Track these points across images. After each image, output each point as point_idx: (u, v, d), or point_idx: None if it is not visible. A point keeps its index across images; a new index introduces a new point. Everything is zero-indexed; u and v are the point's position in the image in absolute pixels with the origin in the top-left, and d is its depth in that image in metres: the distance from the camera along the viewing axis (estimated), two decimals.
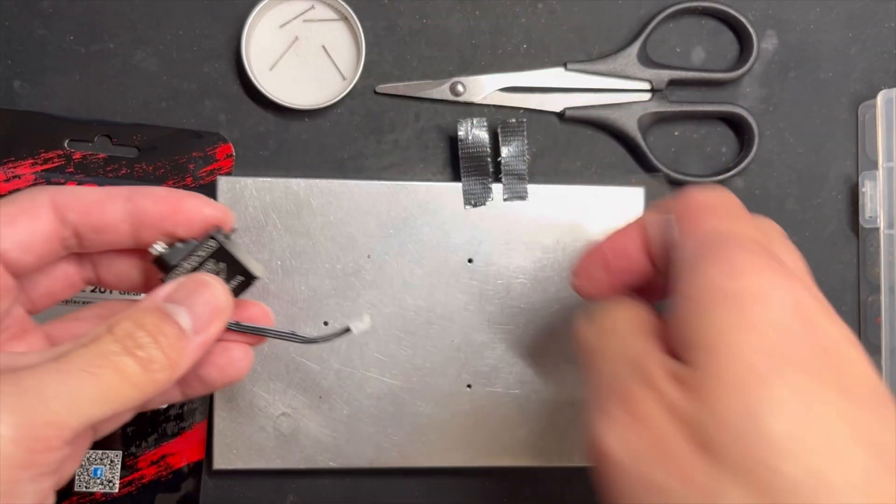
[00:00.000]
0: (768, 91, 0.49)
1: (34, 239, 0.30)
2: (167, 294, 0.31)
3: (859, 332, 0.50)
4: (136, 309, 0.30)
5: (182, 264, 0.32)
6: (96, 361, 0.27)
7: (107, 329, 0.29)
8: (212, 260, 0.33)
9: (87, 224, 0.31)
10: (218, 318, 0.32)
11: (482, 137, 0.46)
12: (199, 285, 0.31)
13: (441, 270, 0.46)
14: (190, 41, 0.47)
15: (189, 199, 0.33)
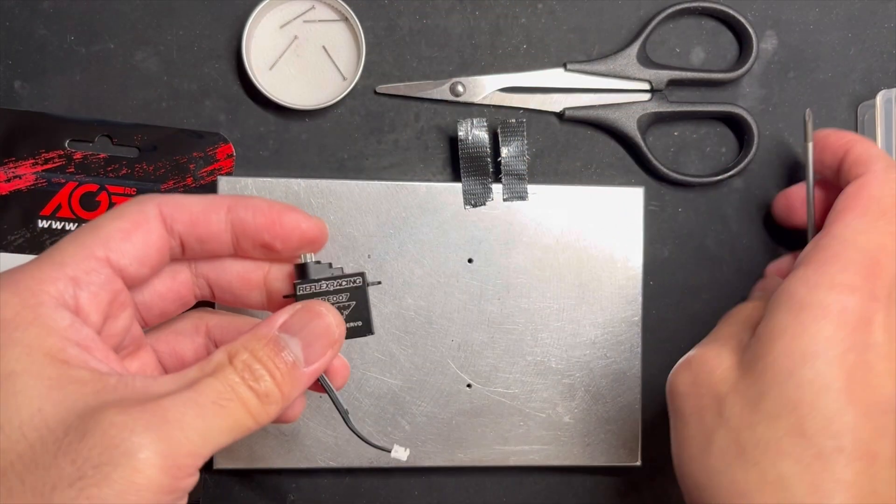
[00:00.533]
0: (768, 91, 0.50)
1: (149, 252, 0.31)
2: (283, 323, 0.31)
3: None
4: (252, 337, 0.30)
5: (320, 283, 0.33)
6: (226, 394, 0.28)
7: (227, 358, 0.29)
8: (346, 294, 0.33)
9: (193, 234, 0.32)
10: (330, 351, 0.32)
11: (482, 137, 0.46)
12: (315, 316, 0.32)
13: (441, 270, 0.46)
14: (190, 41, 0.47)
15: (288, 212, 0.33)
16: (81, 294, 0.29)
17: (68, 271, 0.29)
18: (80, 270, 0.29)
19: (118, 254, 0.30)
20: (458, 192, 0.46)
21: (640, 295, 0.47)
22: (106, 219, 0.31)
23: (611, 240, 0.46)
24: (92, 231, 0.30)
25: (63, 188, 0.45)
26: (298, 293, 0.33)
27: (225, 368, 0.29)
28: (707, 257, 0.49)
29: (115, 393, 0.27)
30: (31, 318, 0.27)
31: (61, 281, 0.28)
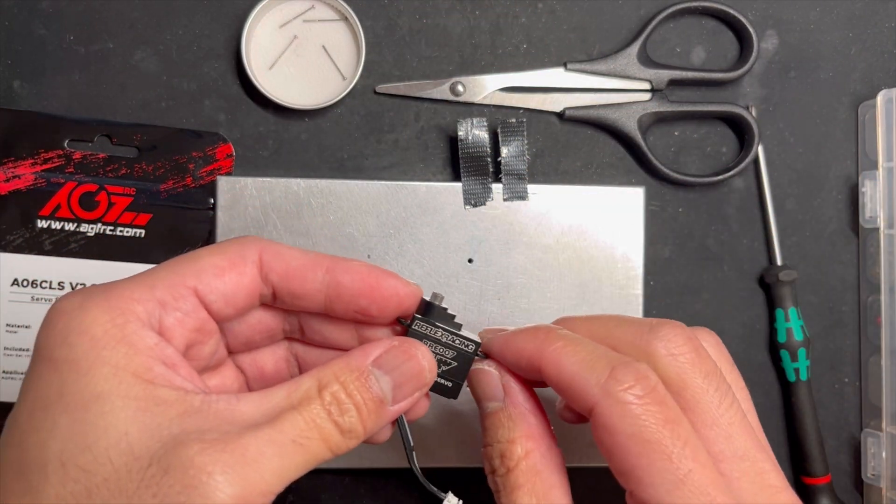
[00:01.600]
0: (768, 91, 0.49)
1: (237, 293, 0.31)
2: (377, 358, 0.31)
3: (859, 332, 0.50)
4: (345, 367, 0.30)
5: (438, 330, 0.32)
6: (307, 432, 0.28)
7: (317, 388, 0.29)
8: (453, 352, 0.33)
9: (286, 289, 0.32)
10: (418, 393, 0.32)
11: (482, 137, 0.46)
12: (410, 358, 0.31)
13: (441, 270, 0.46)
14: (190, 41, 0.47)
15: (387, 278, 0.32)
16: (167, 318, 0.29)
17: (157, 294, 0.29)
18: (168, 295, 0.29)
19: (207, 288, 0.30)
20: (458, 192, 0.46)
21: (641, 295, 0.47)
22: (206, 251, 0.31)
23: (611, 240, 0.46)
24: (188, 261, 0.30)
25: (62, 188, 0.45)
26: (413, 327, 0.32)
27: (312, 401, 0.29)
28: (707, 257, 0.49)
29: (198, 417, 0.27)
30: (119, 336, 0.28)
31: (150, 302, 0.29)
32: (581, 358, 0.30)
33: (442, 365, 0.33)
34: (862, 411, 0.50)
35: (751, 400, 0.33)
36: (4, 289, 0.45)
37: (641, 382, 0.29)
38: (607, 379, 0.29)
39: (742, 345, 0.49)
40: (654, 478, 0.28)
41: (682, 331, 0.31)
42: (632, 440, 0.28)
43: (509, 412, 0.31)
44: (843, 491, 0.50)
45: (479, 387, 0.33)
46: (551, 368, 0.30)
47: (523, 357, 0.31)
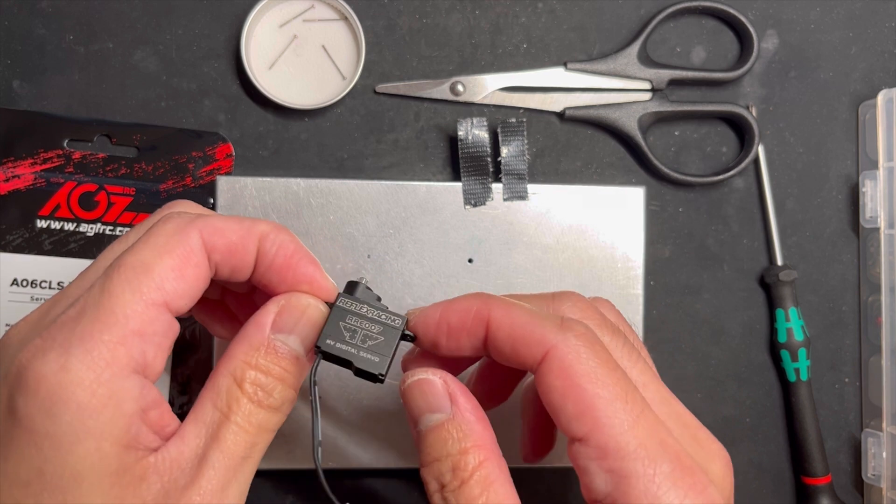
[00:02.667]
0: (768, 91, 0.49)
1: (200, 287, 0.31)
2: (273, 323, 0.31)
3: (860, 332, 0.50)
4: (248, 348, 0.30)
5: (362, 306, 0.32)
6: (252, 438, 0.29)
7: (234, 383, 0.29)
8: (379, 327, 0.32)
9: (228, 265, 0.31)
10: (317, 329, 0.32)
11: (482, 137, 0.46)
12: (303, 310, 0.31)
13: (441, 270, 0.46)
14: (189, 41, 0.47)
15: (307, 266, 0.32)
16: (149, 349, 0.29)
17: (132, 325, 0.28)
18: (144, 322, 0.28)
19: (174, 295, 0.29)
20: (458, 192, 0.46)
21: (641, 295, 0.47)
22: (150, 253, 0.29)
23: (611, 240, 0.46)
24: (144, 273, 0.29)
25: (62, 188, 0.45)
26: (338, 304, 0.32)
27: (239, 401, 0.29)
28: (708, 257, 0.49)
29: (157, 476, 0.28)
30: (105, 395, 0.27)
31: (130, 339, 0.28)
32: (530, 311, 0.30)
33: (368, 340, 0.32)
34: (862, 411, 0.50)
35: (651, 360, 0.34)
36: (4, 289, 0.45)
37: (589, 329, 0.30)
38: (561, 324, 0.29)
39: (742, 345, 0.49)
40: (612, 418, 0.28)
41: (583, 298, 0.33)
42: (588, 381, 0.28)
43: (458, 422, 0.30)
44: (844, 491, 0.50)
45: (423, 398, 0.31)
46: (503, 319, 0.30)
47: (469, 314, 0.31)
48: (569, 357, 0.28)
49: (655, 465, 0.27)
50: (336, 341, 0.31)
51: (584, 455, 0.28)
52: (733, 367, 0.49)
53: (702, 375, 0.49)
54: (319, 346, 0.31)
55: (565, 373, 0.28)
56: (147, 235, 0.30)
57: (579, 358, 0.28)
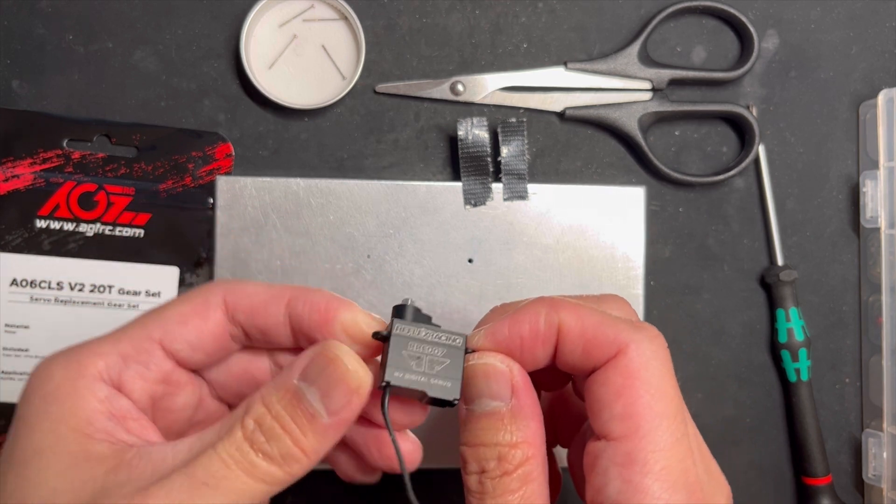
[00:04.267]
0: (769, 90, 0.49)
1: (203, 338, 0.31)
2: (302, 369, 0.29)
3: (860, 333, 0.50)
4: (272, 387, 0.29)
5: (420, 329, 0.30)
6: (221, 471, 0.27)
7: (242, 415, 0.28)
8: (442, 349, 0.30)
9: (254, 325, 0.31)
10: (355, 398, 0.29)
11: (482, 137, 0.46)
12: (330, 361, 0.29)
13: (441, 270, 0.45)
14: (189, 41, 0.47)
15: (344, 309, 0.31)
16: (127, 371, 0.30)
17: (120, 347, 0.30)
18: (131, 349, 0.30)
19: (171, 337, 0.31)
20: (458, 192, 0.46)
21: (641, 295, 0.47)
22: (174, 302, 0.31)
23: (612, 239, 0.46)
24: (156, 313, 0.31)
25: (61, 188, 0.45)
26: (395, 332, 0.30)
27: (233, 434, 0.28)
28: (708, 257, 0.49)
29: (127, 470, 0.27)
30: (68, 390, 0.29)
31: (111, 356, 0.30)
32: (600, 312, 0.30)
33: (435, 365, 0.30)
34: (863, 411, 0.50)
35: None
36: (3, 289, 0.45)
37: (660, 335, 0.30)
38: (635, 325, 0.29)
39: (743, 345, 0.49)
40: (654, 432, 0.28)
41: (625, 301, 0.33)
42: (648, 387, 0.28)
43: (515, 414, 0.29)
44: (844, 491, 0.50)
45: (486, 383, 0.30)
46: (575, 321, 0.29)
47: (539, 322, 0.30)
48: (640, 358, 0.28)
49: (672, 491, 0.27)
50: (404, 372, 0.29)
51: (608, 456, 0.28)
52: (734, 367, 0.49)
53: (702, 375, 0.49)
54: (388, 380, 0.29)
55: (630, 372, 0.28)
56: (190, 290, 0.32)
57: (648, 363, 0.28)
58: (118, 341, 0.30)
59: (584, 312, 0.30)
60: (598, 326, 0.29)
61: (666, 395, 0.28)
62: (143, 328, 0.31)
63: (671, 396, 0.28)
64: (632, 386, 0.28)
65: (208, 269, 0.46)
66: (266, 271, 0.45)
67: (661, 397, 0.28)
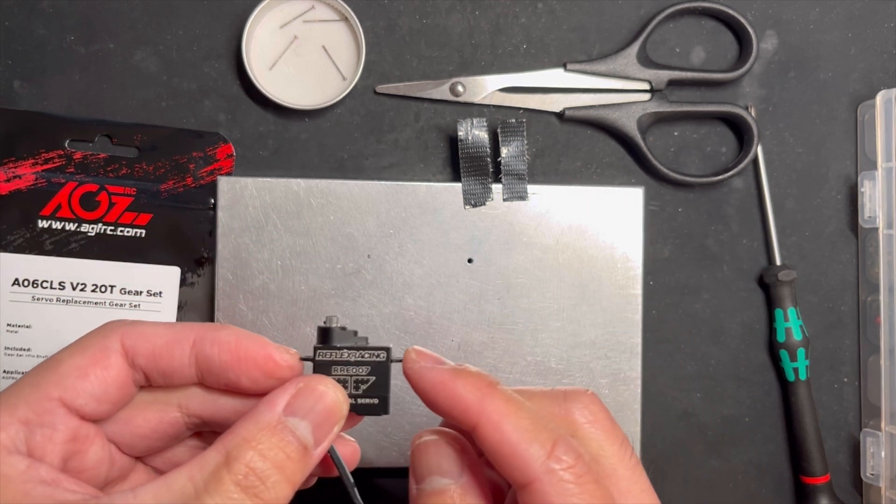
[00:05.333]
0: (768, 91, 0.50)
1: (107, 389, 0.29)
2: (288, 405, 0.28)
3: (858, 332, 0.50)
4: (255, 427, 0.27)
5: (342, 352, 0.30)
6: None
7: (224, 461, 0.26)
8: (366, 367, 0.30)
9: (155, 369, 0.30)
10: (336, 427, 0.29)
11: (482, 137, 0.46)
12: (321, 396, 0.29)
13: (441, 270, 0.46)
14: (190, 41, 0.47)
15: (258, 348, 0.30)
16: (33, 436, 0.28)
17: (19, 414, 0.28)
18: (31, 412, 0.28)
19: (73, 393, 0.28)
20: (458, 192, 0.46)
21: (640, 295, 0.47)
22: (66, 354, 0.29)
23: (611, 240, 0.46)
24: (49, 369, 0.29)
25: (63, 188, 0.45)
26: (318, 358, 0.30)
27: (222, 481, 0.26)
28: (707, 257, 0.49)
29: None
30: None
31: (13, 426, 0.27)
32: (523, 426, 0.28)
33: (361, 385, 0.30)
34: (861, 411, 0.50)
35: None
36: (5, 289, 0.45)
37: (579, 462, 0.27)
38: (548, 456, 0.27)
39: (741, 345, 0.50)
40: None
41: (596, 400, 0.30)
42: None
43: (465, 492, 0.29)
44: (843, 490, 0.50)
45: (436, 460, 0.30)
46: (492, 432, 0.28)
47: (458, 407, 0.28)
48: (551, 495, 0.27)
49: None
50: None
51: None
52: (732, 366, 0.50)
53: (701, 375, 0.49)
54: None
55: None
56: (84, 335, 0.30)
57: (562, 497, 0.27)
58: (14, 408, 0.28)
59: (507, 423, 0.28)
60: (513, 445, 0.27)
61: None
62: (37, 389, 0.28)
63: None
64: None
65: (209, 269, 0.46)
66: (267, 271, 0.45)
67: None
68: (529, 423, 0.28)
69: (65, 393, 0.28)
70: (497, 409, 0.28)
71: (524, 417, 0.28)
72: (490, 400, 0.28)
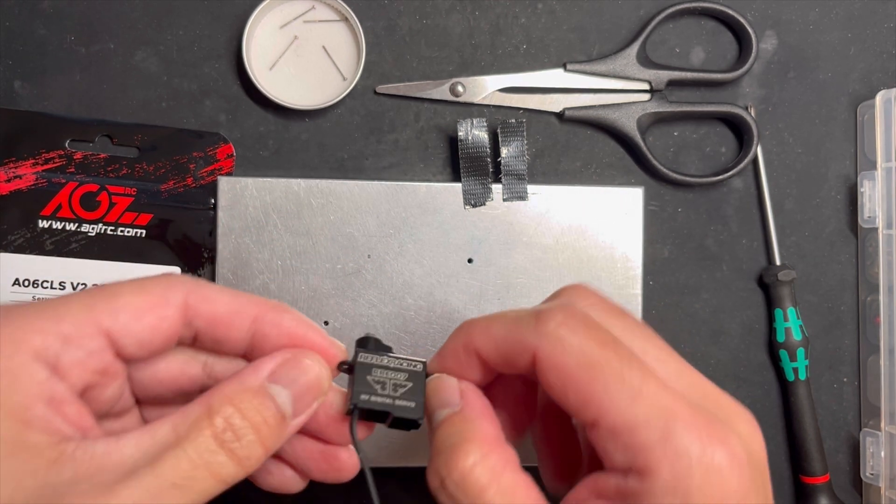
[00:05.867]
0: (767, 91, 0.50)
1: (154, 338, 0.29)
2: (272, 372, 0.29)
3: (858, 332, 0.50)
4: (239, 387, 0.28)
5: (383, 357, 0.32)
6: (191, 472, 0.26)
7: (206, 413, 0.27)
8: (404, 374, 0.32)
9: (211, 335, 0.30)
10: (315, 401, 0.30)
11: (482, 137, 0.46)
12: (307, 368, 0.30)
13: (441, 270, 0.46)
14: (190, 41, 0.47)
15: (314, 338, 0.31)
16: (66, 355, 0.27)
17: (62, 327, 0.27)
18: (74, 331, 0.28)
19: (121, 330, 0.28)
20: (458, 192, 0.46)
21: (640, 295, 0.47)
22: (128, 287, 0.29)
23: (610, 240, 0.46)
24: (105, 298, 0.28)
25: (63, 188, 0.45)
26: (359, 360, 0.31)
27: (201, 431, 0.27)
28: (707, 257, 0.49)
29: (72, 465, 0.26)
30: (3, 368, 0.26)
31: (51, 335, 0.27)
32: (506, 320, 0.29)
33: (399, 388, 0.31)
34: (861, 411, 0.50)
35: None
36: (5, 289, 0.45)
37: (569, 314, 0.28)
38: (537, 323, 0.28)
39: (741, 345, 0.50)
40: (612, 398, 0.27)
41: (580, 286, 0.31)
42: (580, 369, 0.27)
43: (465, 415, 0.30)
44: (842, 490, 0.50)
45: (437, 394, 0.31)
46: (484, 340, 0.30)
47: (459, 351, 0.31)
48: (553, 351, 0.28)
49: (667, 428, 0.27)
50: (370, 395, 0.31)
51: (599, 438, 0.28)
52: (732, 366, 0.50)
53: None
54: (356, 402, 0.30)
55: (556, 368, 0.28)
56: (145, 277, 0.30)
57: (563, 348, 0.28)
58: (60, 319, 0.27)
59: (492, 327, 0.30)
60: (505, 337, 0.29)
61: (599, 361, 0.27)
62: (89, 311, 0.28)
63: (606, 358, 0.27)
64: (566, 376, 0.28)
65: (210, 269, 0.46)
66: (267, 271, 0.45)
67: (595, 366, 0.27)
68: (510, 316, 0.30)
69: (113, 326, 0.28)
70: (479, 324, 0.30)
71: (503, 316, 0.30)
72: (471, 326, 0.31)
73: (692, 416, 0.27)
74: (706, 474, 0.26)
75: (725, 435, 0.27)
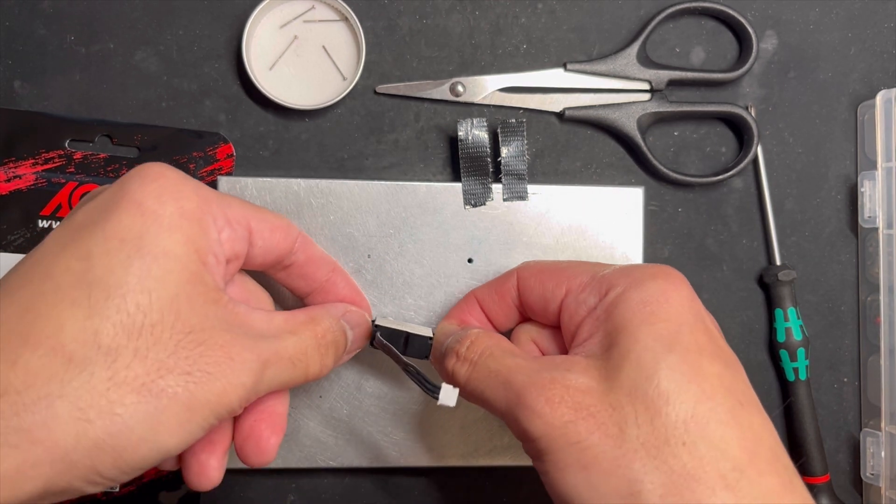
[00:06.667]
0: (768, 91, 0.50)
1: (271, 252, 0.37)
2: (346, 314, 0.39)
3: (858, 332, 0.50)
4: (327, 312, 0.38)
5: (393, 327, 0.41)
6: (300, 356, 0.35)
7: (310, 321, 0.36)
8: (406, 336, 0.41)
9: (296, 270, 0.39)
10: (363, 343, 0.41)
11: (482, 137, 0.46)
12: (364, 320, 0.41)
13: (441, 270, 0.46)
14: (190, 41, 0.47)
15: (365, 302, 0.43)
16: (226, 232, 0.34)
17: (229, 212, 0.34)
18: (234, 218, 0.34)
19: (260, 235, 0.36)
20: (458, 192, 0.46)
21: None
22: (265, 210, 0.37)
23: (611, 240, 0.46)
24: (253, 207, 0.36)
25: (63, 188, 0.45)
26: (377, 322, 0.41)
27: (308, 330, 0.36)
28: (707, 257, 0.49)
29: (226, 311, 0.32)
30: (198, 218, 0.32)
31: (220, 214, 0.34)
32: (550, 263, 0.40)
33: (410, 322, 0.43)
34: (861, 411, 0.50)
35: None
36: None
37: None
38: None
39: (741, 344, 0.50)
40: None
41: None
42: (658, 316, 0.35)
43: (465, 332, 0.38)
44: (842, 490, 0.50)
45: (442, 333, 0.40)
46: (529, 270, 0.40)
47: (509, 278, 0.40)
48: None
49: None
50: (387, 322, 0.41)
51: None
52: None
53: None
54: (374, 319, 0.42)
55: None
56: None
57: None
58: (228, 206, 0.34)
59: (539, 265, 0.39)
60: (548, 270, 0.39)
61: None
62: (245, 208, 0.35)
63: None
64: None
65: None
66: None
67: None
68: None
69: (256, 228, 0.35)
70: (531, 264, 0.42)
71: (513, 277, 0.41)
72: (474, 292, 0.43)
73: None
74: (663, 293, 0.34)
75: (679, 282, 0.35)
